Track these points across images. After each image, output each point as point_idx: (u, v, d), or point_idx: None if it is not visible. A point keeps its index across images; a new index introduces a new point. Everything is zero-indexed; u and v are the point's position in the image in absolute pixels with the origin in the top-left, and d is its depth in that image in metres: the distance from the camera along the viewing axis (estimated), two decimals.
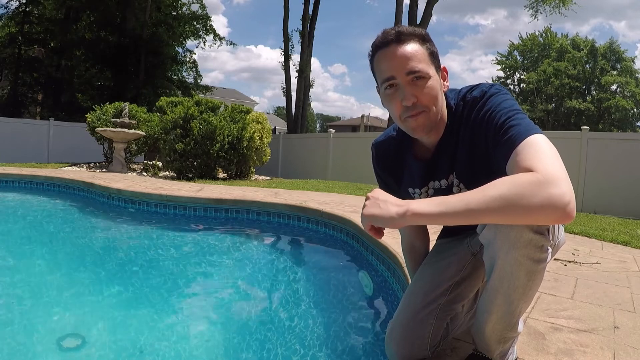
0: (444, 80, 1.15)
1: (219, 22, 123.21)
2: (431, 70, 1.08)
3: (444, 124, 1.15)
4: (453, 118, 1.15)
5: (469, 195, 0.88)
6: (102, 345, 1.79)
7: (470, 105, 1.11)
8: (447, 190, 1.20)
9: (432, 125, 1.11)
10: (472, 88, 1.14)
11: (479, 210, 0.85)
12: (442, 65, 1.15)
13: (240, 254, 3.49)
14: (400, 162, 1.29)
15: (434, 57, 1.11)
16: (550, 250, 0.97)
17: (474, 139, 1.10)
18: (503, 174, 0.92)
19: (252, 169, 8.98)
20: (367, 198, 0.99)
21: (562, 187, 0.83)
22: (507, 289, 0.99)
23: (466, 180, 1.16)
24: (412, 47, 1.07)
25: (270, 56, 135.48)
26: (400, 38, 1.08)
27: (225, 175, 8.73)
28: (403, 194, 1.29)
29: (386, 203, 0.95)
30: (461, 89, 1.17)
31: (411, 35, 1.09)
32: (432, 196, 1.13)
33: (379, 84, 1.13)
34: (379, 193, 0.99)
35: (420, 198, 1.24)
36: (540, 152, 0.89)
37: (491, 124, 1.02)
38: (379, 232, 1.01)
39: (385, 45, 1.09)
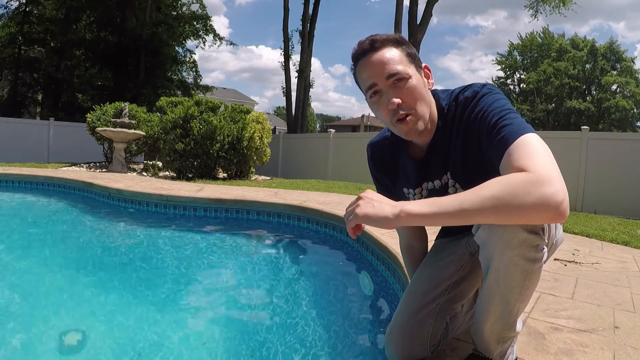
0: (427, 79, 1.15)
1: (221, 23, 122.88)
2: (411, 70, 1.09)
3: (434, 123, 1.15)
4: (445, 119, 1.15)
5: (463, 195, 0.88)
6: (101, 344, 1.79)
7: (463, 105, 1.11)
8: (442, 191, 1.20)
9: (423, 125, 1.10)
10: (464, 88, 1.14)
11: (472, 210, 0.86)
12: (423, 64, 1.15)
13: (240, 254, 3.49)
14: (395, 162, 1.29)
15: (412, 57, 1.11)
16: (545, 249, 0.97)
17: (466, 139, 1.10)
18: (497, 173, 0.93)
19: (252, 169, 8.98)
20: (360, 198, 0.99)
21: (555, 186, 0.83)
22: (503, 290, 1.00)
23: (462, 180, 1.16)
24: (387, 52, 1.09)
25: (271, 56, 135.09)
26: (375, 45, 1.09)
27: (225, 175, 8.73)
28: (399, 194, 1.30)
29: (380, 203, 0.95)
30: (454, 89, 1.18)
31: (385, 41, 1.10)
32: (426, 197, 1.14)
33: (365, 93, 1.14)
34: (372, 194, 0.99)
35: (415, 199, 1.25)
36: (533, 151, 0.89)
37: (484, 123, 1.02)
38: (359, 229, 1.00)
39: (362, 55, 1.11)
